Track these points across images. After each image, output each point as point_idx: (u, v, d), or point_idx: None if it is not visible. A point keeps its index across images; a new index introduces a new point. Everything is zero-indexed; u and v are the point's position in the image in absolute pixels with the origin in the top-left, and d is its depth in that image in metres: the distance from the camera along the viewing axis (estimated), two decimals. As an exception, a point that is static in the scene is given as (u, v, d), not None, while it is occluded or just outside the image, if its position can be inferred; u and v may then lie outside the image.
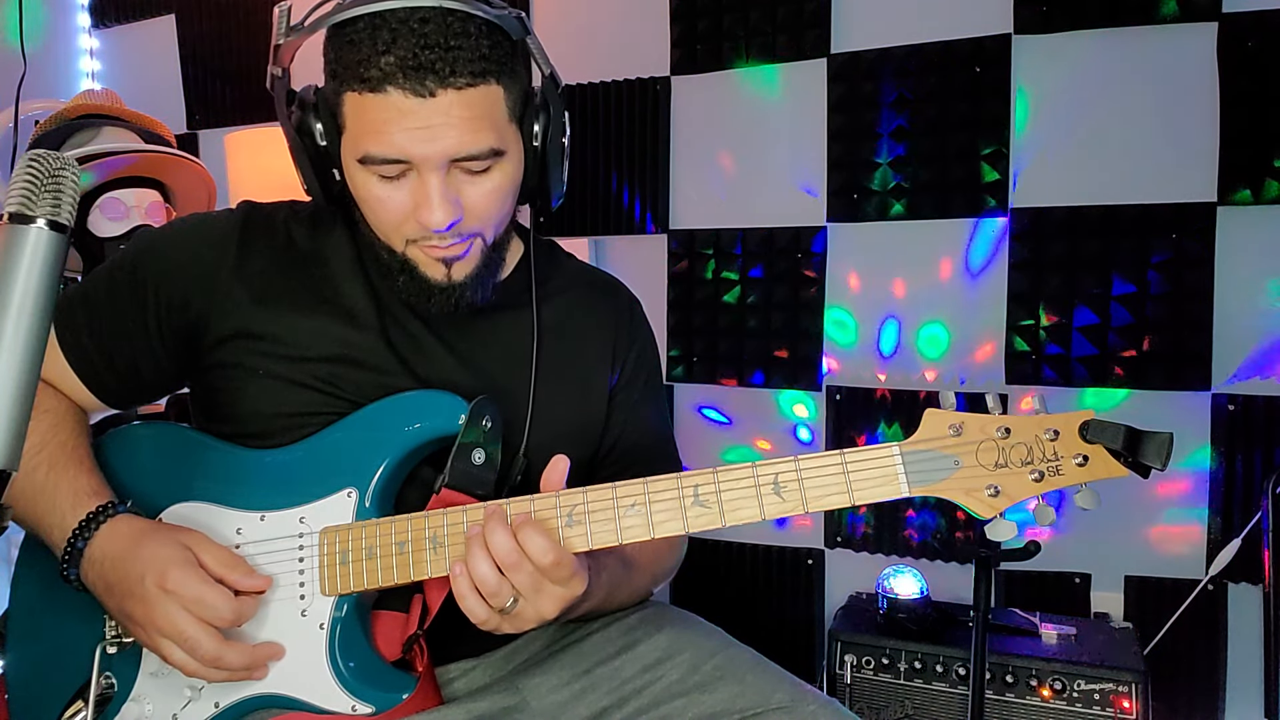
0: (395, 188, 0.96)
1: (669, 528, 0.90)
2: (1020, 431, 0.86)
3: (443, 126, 0.92)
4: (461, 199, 0.97)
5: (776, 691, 0.97)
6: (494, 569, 0.87)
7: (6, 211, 0.65)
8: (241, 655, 0.91)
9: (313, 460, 1.00)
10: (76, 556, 0.94)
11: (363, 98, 0.92)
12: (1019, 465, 0.85)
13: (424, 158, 0.93)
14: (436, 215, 0.95)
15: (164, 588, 0.88)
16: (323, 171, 1.02)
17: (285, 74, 0.99)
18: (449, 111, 0.91)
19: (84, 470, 0.99)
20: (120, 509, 0.96)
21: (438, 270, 1.02)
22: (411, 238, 1.00)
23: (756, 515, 0.89)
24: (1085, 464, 0.85)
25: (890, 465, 0.87)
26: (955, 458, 0.86)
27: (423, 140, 0.92)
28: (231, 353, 1.03)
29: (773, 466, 0.89)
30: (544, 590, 0.88)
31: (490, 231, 1.03)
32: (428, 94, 0.90)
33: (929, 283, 2.18)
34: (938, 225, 2.15)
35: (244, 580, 0.93)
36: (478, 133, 0.94)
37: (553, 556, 0.86)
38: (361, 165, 0.96)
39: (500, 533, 0.87)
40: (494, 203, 1.00)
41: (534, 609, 0.89)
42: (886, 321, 2.23)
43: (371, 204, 0.99)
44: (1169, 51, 1.94)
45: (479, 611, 0.88)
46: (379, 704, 0.93)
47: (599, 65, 2.44)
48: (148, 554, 0.90)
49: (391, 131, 0.92)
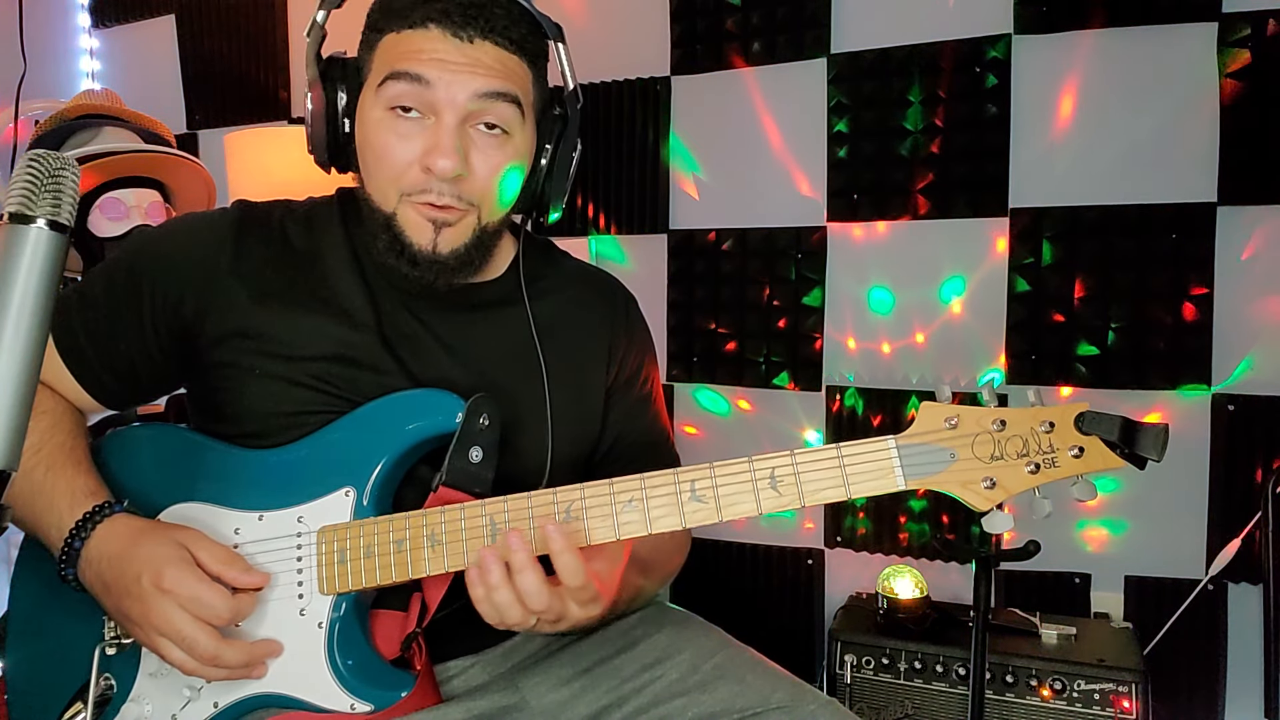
0: (407, 132, 0.97)
1: (666, 523, 0.90)
2: (1016, 424, 0.86)
3: (474, 66, 0.95)
4: (470, 158, 0.98)
5: (776, 691, 0.97)
6: (518, 602, 0.88)
7: (6, 211, 0.65)
8: (239, 653, 0.91)
9: (310, 460, 1.00)
10: (74, 556, 0.94)
11: (401, 35, 0.96)
12: (1015, 458, 0.85)
13: (448, 93, 0.95)
14: (444, 160, 0.96)
15: (160, 587, 0.88)
16: (333, 122, 1.03)
17: (324, 23, 1.03)
18: (481, 60, 0.96)
19: (81, 470, 0.99)
20: (117, 508, 0.96)
21: (424, 234, 1.00)
22: (408, 190, 0.99)
23: (754, 510, 0.88)
24: (1081, 456, 0.84)
25: (886, 458, 0.87)
26: (951, 450, 0.86)
27: (451, 73, 0.95)
28: (228, 352, 1.02)
29: (769, 461, 0.88)
30: (566, 615, 0.90)
31: (487, 209, 1.02)
32: (466, 39, 0.95)
33: (929, 282, 2.18)
34: (938, 225, 2.15)
35: (241, 577, 0.93)
36: (507, 79, 0.97)
37: (579, 581, 0.88)
38: (382, 92, 0.97)
39: (529, 574, 0.87)
40: (497, 179, 1.00)
41: (550, 625, 0.92)
42: (886, 321, 2.23)
43: (378, 148, 0.99)
44: (1169, 51, 1.94)
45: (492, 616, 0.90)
46: (377, 702, 0.93)
47: (599, 65, 2.44)
48: (144, 553, 0.90)
49: (425, 56, 0.95)
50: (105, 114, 2.01)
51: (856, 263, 2.24)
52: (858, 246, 2.24)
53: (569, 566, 0.87)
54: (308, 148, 1.06)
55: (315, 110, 1.03)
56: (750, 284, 2.33)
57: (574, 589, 0.88)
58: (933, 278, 2.17)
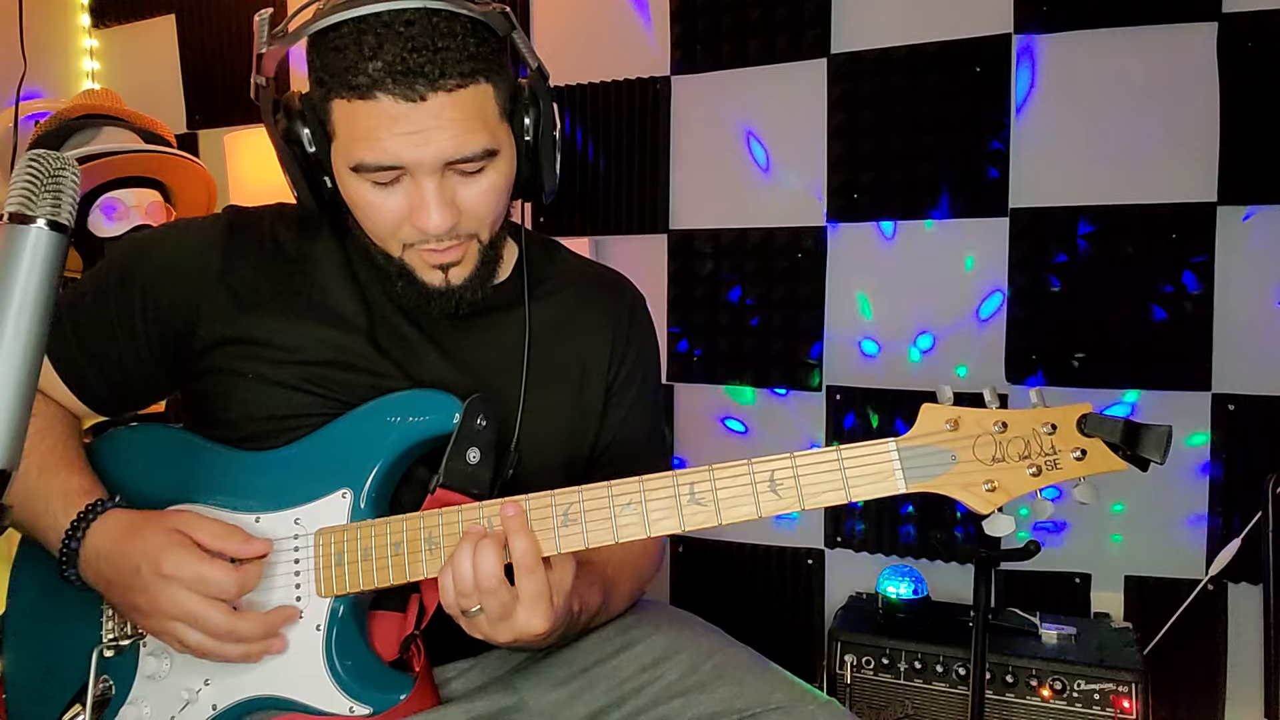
0: (389, 193, 0.96)
1: (665, 526, 0.89)
2: (1017, 426, 0.85)
3: (434, 130, 0.91)
4: (457, 201, 0.97)
5: (775, 691, 0.96)
6: (471, 577, 0.86)
7: (6, 211, 0.65)
8: (255, 624, 0.91)
9: (306, 461, 1.00)
10: (73, 556, 0.94)
11: (352, 105, 0.91)
12: (1016, 460, 0.84)
13: (417, 163, 0.92)
14: (434, 219, 0.95)
15: (161, 573, 0.88)
16: (314, 179, 1.01)
17: (269, 83, 0.98)
18: (440, 115, 0.91)
19: (75, 471, 0.99)
20: (108, 504, 0.96)
21: (435, 276, 1.02)
22: (408, 242, 0.99)
23: (753, 513, 0.87)
24: (1084, 458, 0.83)
25: (887, 461, 0.86)
26: (952, 453, 0.85)
27: (415, 145, 0.91)
28: (220, 358, 1.02)
29: (769, 464, 0.87)
30: (514, 613, 0.88)
31: (486, 231, 1.02)
32: (418, 98, 0.89)
33: (929, 282, 2.18)
34: (938, 225, 2.15)
35: (243, 547, 0.93)
36: (470, 134, 0.93)
37: (530, 561, 0.86)
38: (354, 173, 0.95)
39: (487, 552, 0.86)
40: (490, 201, 1.00)
41: (489, 628, 0.89)
42: (886, 321, 2.22)
43: (366, 210, 0.98)
44: (1169, 51, 1.94)
45: (449, 601, 0.89)
46: (377, 705, 0.93)
47: (599, 65, 2.44)
48: (140, 545, 0.90)
49: (383, 138, 0.91)
50: (105, 114, 2.01)
51: (856, 263, 2.24)
52: (857, 246, 2.24)
53: (520, 546, 0.87)
54: (294, 198, 1.04)
55: (291, 173, 1.00)
56: (750, 284, 2.33)
57: (525, 570, 0.86)
58: (933, 277, 2.17)
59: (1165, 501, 1.99)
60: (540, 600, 0.87)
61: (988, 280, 2.12)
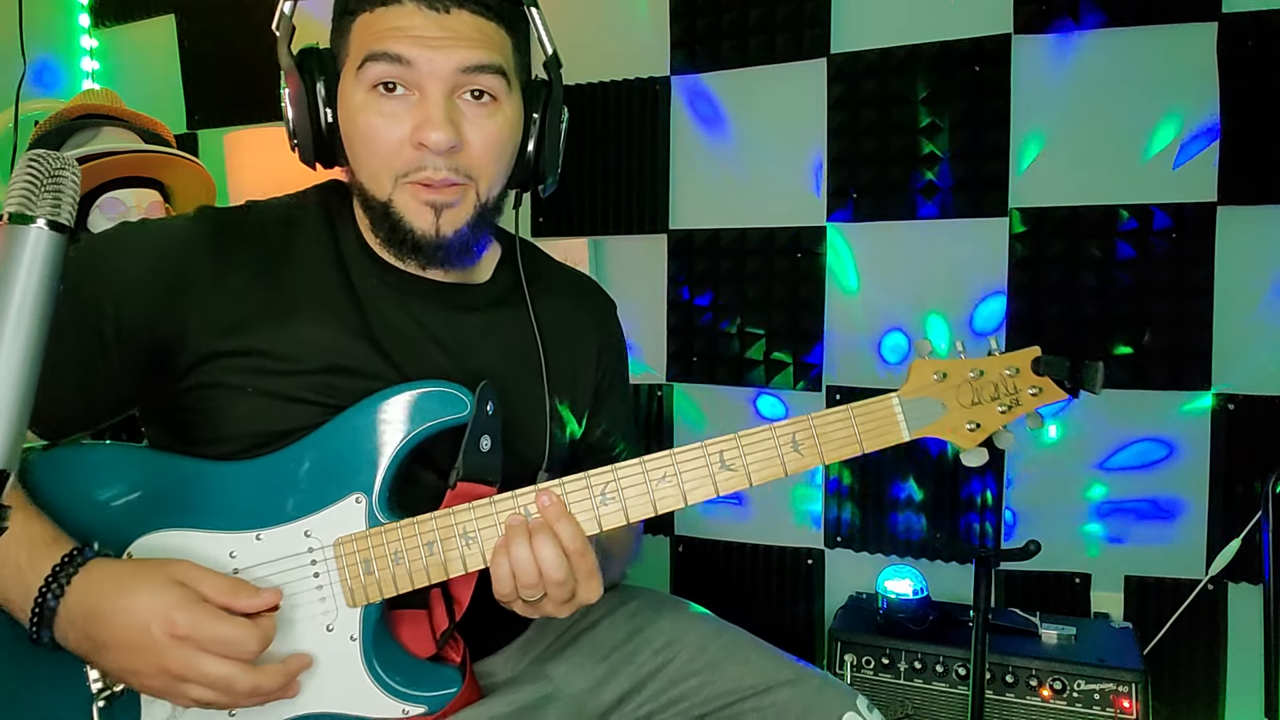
0: (394, 111, 0.95)
1: (700, 494, 0.95)
2: (989, 372, 0.99)
3: (454, 39, 0.94)
4: (462, 130, 0.96)
5: (782, 669, 1.04)
6: (534, 570, 0.91)
7: (6, 211, 0.65)
8: (275, 676, 0.86)
9: (304, 469, 0.94)
10: (49, 616, 0.82)
11: (374, 14, 0.95)
12: (989, 401, 0.99)
13: (430, 69, 0.94)
14: (438, 131, 0.93)
15: (175, 635, 0.81)
16: (315, 113, 0.99)
17: (294, 6, 1.00)
18: (460, 29, 0.94)
19: (31, 515, 0.86)
20: (89, 554, 0.85)
21: (425, 218, 0.98)
22: (403, 172, 0.96)
23: (780, 472, 0.95)
24: (1039, 394, 0.99)
25: (891, 413, 0.98)
26: (942, 401, 0.98)
27: (433, 48, 0.93)
28: (212, 372, 0.95)
29: (790, 426, 0.96)
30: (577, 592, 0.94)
31: (485, 183, 1.00)
32: (442, 9, 0.93)
33: (929, 281, 2.18)
34: (938, 225, 2.15)
35: (252, 602, 0.86)
36: (487, 50, 0.95)
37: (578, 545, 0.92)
38: (362, 75, 0.95)
39: (547, 547, 0.91)
40: (492, 148, 0.99)
41: (554, 608, 0.94)
42: (886, 321, 2.22)
43: (366, 133, 0.96)
44: (1169, 51, 1.94)
45: (506, 591, 0.93)
46: (431, 704, 0.92)
47: (599, 65, 2.44)
48: (143, 603, 0.82)
49: (403, 34, 0.93)
50: (105, 114, 2.00)
51: (856, 262, 2.24)
52: (857, 246, 2.24)
53: (567, 531, 0.92)
54: (290, 144, 1.01)
55: (294, 103, 0.98)
56: (750, 284, 2.33)
57: (575, 553, 0.92)
58: (932, 277, 2.17)
59: (1165, 501, 1.99)
60: (594, 575, 0.93)
61: (987, 280, 2.12)
